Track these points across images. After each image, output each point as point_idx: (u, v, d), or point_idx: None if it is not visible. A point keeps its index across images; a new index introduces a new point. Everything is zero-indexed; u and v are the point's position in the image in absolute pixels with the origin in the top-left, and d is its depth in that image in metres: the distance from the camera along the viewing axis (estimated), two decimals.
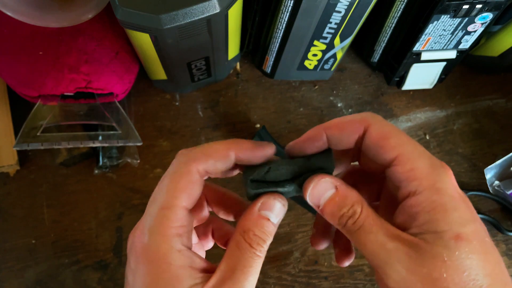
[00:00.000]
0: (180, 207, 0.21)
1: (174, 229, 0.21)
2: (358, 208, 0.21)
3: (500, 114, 0.57)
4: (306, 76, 0.55)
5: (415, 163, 0.21)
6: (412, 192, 0.20)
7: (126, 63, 0.46)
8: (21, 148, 0.44)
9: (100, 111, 0.46)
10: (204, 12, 0.37)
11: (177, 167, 0.22)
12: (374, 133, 0.22)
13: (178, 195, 0.21)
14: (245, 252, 0.21)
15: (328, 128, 0.23)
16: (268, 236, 0.22)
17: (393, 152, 0.21)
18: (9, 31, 0.43)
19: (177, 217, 0.21)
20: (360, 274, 0.48)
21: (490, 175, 0.51)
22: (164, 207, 0.21)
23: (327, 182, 0.22)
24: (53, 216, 0.48)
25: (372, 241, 0.20)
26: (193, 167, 0.22)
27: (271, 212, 0.22)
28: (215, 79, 0.53)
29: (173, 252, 0.20)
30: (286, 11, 0.43)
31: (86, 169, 0.49)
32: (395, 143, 0.21)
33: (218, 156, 0.22)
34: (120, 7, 0.36)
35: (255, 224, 0.22)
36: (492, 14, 0.44)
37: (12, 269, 0.45)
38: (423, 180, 0.20)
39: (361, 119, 0.22)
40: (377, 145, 0.22)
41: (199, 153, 0.22)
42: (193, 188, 0.22)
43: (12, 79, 0.43)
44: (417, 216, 0.20)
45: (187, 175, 0.21)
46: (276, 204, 0.23)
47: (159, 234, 0.21)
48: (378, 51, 0.54)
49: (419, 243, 0.19)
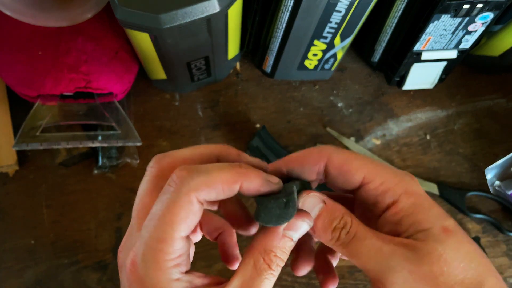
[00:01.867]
0: (178, 239, 0.20)
1: (172, 261, 0.20)
2: (349, 218, 0.21)
3: (501, 114, 0.57)
4: (306, 76, 0.55)
5: (383, 176, 0.22)
6: (390, 202, 0.21)
7: (126, 63, 0.46)
8: (20, 148, 0.44)
9: (99, 111, 0.45)
10: (204, 11, 0.37)
11: (176, 195, 0.20)
12: (336, 161, 0.23)
13: (176, 227, 0.20)
14: (262, 273, 0.20)
15: (288, 163, 0.24)
16: (287, 254, 0.21)
17: (360, 173, 0.22)
18: (8, 31, 0.43)
19: (175, 248, 0.20)
20: (360, 275, 0.48)
21: (490, 175, 0.51)
22: (161, 239, 0.20)
23: (315, 196, 0.23)
24: (53, 216, 0.47)
25: (368, 248, 0.20)
26: (194, 198, 0.20)
27: (297, 233, 0.22)
28: (215, 79, 0.53)
29: (171, 283, 0.20)
30: (286, 10, 0.43)
31: (86, 169, 0.49)
32: (358, 164, 0.22)
33: (222, 187, 0.20)
34: (119, 7, 0.36)
35: (279, 245, 0.21)
36: (493, 13, 0.44)
37: (11, 269, 0.45)
38: (396, 188, 0.21)
39: (319, 151, 0.23)
40: (341, 170, 0.23)
41: (201, 183, 0.20)
42: (193, 218, 0.20)
43: (12, 78, 0.43)
44: (401, 221, 0.21)
45: (187, 205, 0.20)
46: (303, 226, 0.22)
47: (156, 268, 0.20)
48: (379, 51, 0.53)
49: (413, 243, 0.20)
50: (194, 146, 0.24)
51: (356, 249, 0.20)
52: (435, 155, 0.54)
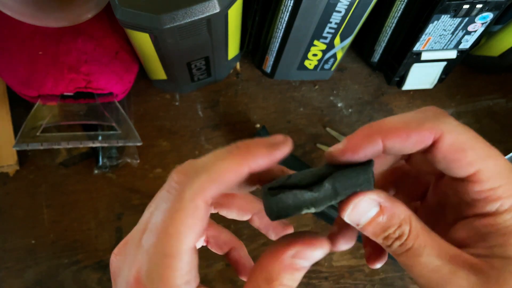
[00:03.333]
0: (187, 251, 0.17)
1: (181, 278, 0.17)
2: (406, 228, 0.18)
3: (501, 114, 0.57)
4: (306, 76, 0.55)
5: (496, 181, 0.18)
6: (491, 212, 0.18)
7: (126, 63, 0.46)
8: (21, 148, 0.44)
9: (99, 111, 0.45)
10: (204, 11, 0.37)
11: (180, 204, 0.17)
12: (448, 144, 0.18)
13: (183, 239, 0.17)
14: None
15: (388, 135, 0.18)
16: (296, 284, 0.18)
17: (470, 168, 0.18)
18: (8, 31, 0.43)
19: (184, 263, 0.17)
20: (360, 275, 0.48)
21: None
22: (168, 254, 0.17)
23: (369, 201, 0.18)
24: (53, 216, 0.48)
25: (423, 265, 0.17)
26: (200, 201, 0.17)
27: (307, 261, 0.18)
28: (215, 79, 0.53)
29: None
30: (286, 10, 0.43)
31: (86, 169, 0.49)
32: (474, 157, 0.18)
33: (228, 177, 0.18)
34: (120, 7, 0.36)
35: (285, 275, 0.18)
36: (493, 14, 0.44)
37: (11, 269, 0.45)
38: (505, 200, 0.18)
39: (432, 125, 0.18)
40: (450, 158, 0.18)
41: (206, 182, 0.17)
42: (200, 224, 0.18)
43: (12, 79, 0.43)
44: (488, 237, 0.18)
45: (194, 212, 0.17)
46: (315, 254, 0.18)
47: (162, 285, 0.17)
48: (379, 51, 0.53)
49: (483, 267, 0.17)
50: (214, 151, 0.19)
51: (409, 263, 0.18)
52: None
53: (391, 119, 0.19)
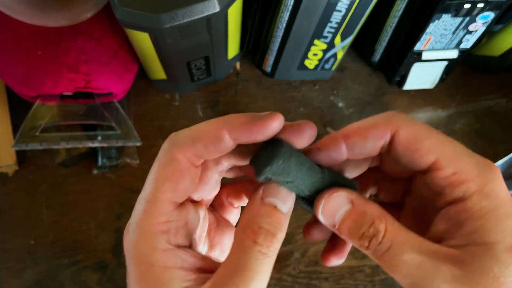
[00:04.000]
0: (164, 201, 0.18)
1: (157, 226, 0.18)
2: (381, 225, 0.18)
3: (501, 114, 0.57)
4: (307, 76, 0.55)
5: (458, 165, 0.18)
6: (458, 198, 0.18)
7: (126, 63, 0.46)
8: (20, 148, 0.44)
9: (99, 111, 0.45)
10: (203, 11, 0.37)
11: (161, 155, 0.19)
12: (404, 136, 0.19)
13: (161, 187, 0.18)
14: (247, 250, 0.17)
15: (347, 137, 0.20)
16: (277, 228, 0.18)
17: (430, 156, 0.18)
18: (8, 31, 0.43)
19: (160, 211, 0.18)
20: (360, 275, 0.48)
21: None
22: (148, 200, 0.18)
23: (341, 196, 0.19)
24: (52, 216, 0.47)
25: (406, 263, 0.17)
26: (179, 154, 0.18)
27: (278, 199, 0.19)
28: (215, 78, 0.53)
29: (156, 251, 0.18)
30: (286, 10, 0.43)
31: (85, 169, 0.49)
32: (431, 144, 0.18)
33: (208, 139, 0.18)
34: (119, 7, 0.36)
35: (259, 214, 0.18)
36: (494, 13, 0.44)
37: (11, 269, 0.45)
38: (470, 183, 0.18)
39: (386, 122, 0.19)
40: (409, 149, 0.19)
41: (185, 137, 0.19)
42: (181, 178, 0.18)
43: (11, 78, 0.43)
44: (463, 224, 0.17)
45: (171, 163, 0.18)
46: (281, 190, 0.19)
47: (141, 232, 0.18)
48: (379, 51, 0.53)
49: (464, 257, 0.17)
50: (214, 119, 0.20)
51: (391, 262, 0.17)
52: None
53: (352, 124, 0.21)
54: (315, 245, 0.49)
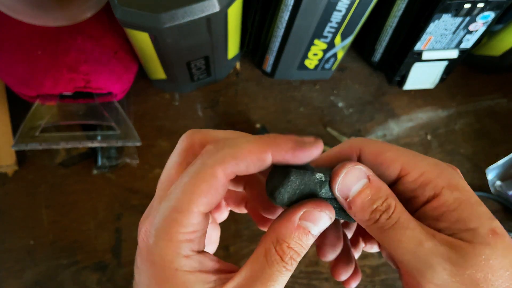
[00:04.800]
0: (196, 212, 0.19)
1: (184, 235, 0.19)
2: (393, 202, 0.19)
3: (502, 114, 0.57)
4: (307, 76, 0.55)
5: (422, 167, 0.20)
6: (431, 196, 0.19)
7: (125, 63, 0.46)
8: (20, 148, 0.43)
9: (99, 111, 0.45)
10: (203, 11, 0.37)
11: (201, 167, 0.19)
12: (368, 153, 0.21)
13: (195, 200, 0.18)
14: (273, 264, 0.19)
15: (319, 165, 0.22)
16: (304, 250, 0.19)
17: (396, 164, 0.20)
18: (7, 30, 0.43)
19: (190, 222, 0.19)
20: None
21: (491, 175, 0.51)
22: (177, 210, 0.19)
23: (360, 170, 0.20)
24: (52, 216, 0.47)
25: (409, 238, 0.18)
26: (219, 171, 0.19)
27: (314, 224, 0.19)
28: (214, 78, 0.53)
29: (180, 258, 0.19)
30: (286, 10, 0.43)
31: (85, 170, 0.49)
32: (393, 155, 0.21)
33: (250, 159, 0.19)
34: (119, 6, 0.36)
35: (292, 236, 0.19)
36: (494, 13, 0.44)
37: (10, 270, 0.45)
38: (438, 180, 0.19)
39: (350, 146, 0.22)
40: (375, 163, 0.21)
41: (227, 155, 0.19)
42: (216, 193, 0.19)
43: (11, 78, 0.43)
44: (443, 217, 0.19)
45: (210, 178, 0.18)
46: (322, 217, 0.20)
47: (166, 238, 0.19)
48: (379, 51, 0.53)
49: (457, 242, 0.18)
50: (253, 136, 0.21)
51: (394, 238, 0.19)
52: (436, 155, 0.54)
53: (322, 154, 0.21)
54: (315, 245, 0.48)
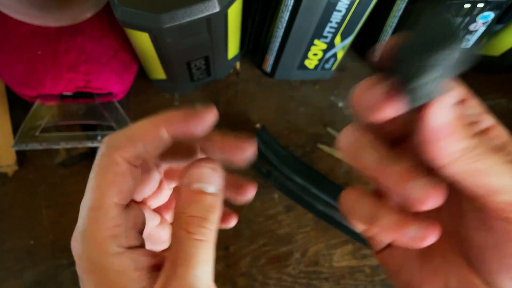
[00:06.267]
0: (111, 205, 0.18)
1: (106, 231, 0.18)
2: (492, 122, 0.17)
3: (502, 114, 0.56)
4: (307, 76, 0.55)
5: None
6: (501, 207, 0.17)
7: (125, 63, 0.46)
8: (20, 148, 0.43)
9: (99, 111, 0.45)
10: (203, 11, 0.37)
11: (100, 160, 0.19)
12: None
13: (105, 193, 0.18)
14: (183, 241, 0.17)
15: None
16: (209, 211, 0.18)
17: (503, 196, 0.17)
18: (7, 31, 0.43)
19: (108, 216, 0.18)
20: (360, 275, 0.48)
21: None
22: (92, 208, 0.18)
23: None
24: (52, 216, 0.47)
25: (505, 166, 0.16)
26: (118, 156, 0.18)
27: (203, 183, 0.19)
28: (215, 78, 0.53)
29: (109, 257, 0.18)
30: (286, 10, 0.43)
31: (85, 170, 0.49)
32: None
33: (146, 137, 0.19)
34: (119, 6, 0.36)
35: (187, 203, 0.18)
36: (494, 13, 0.44)
37: (10, 270, 0.45)
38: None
39: None
40: None
41: (121, 139, 0.19)
42: (123, 180, 0.18)
43: (11, 78, 0.43)
44: None
45: (112, 167, 0.18)
46: (204, 171, 0.19)
47: (90, 240, 0.18)
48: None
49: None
50: (149, 117, 0.21)
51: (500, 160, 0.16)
52: None
53: None
54: (315, 245, 0.48)
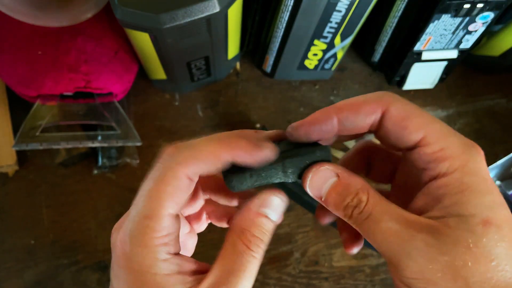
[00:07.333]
0: (166, 216, 0.19)
1: (158, 240, 0.19)
2: (364, 196, 0.19)
3: (501, 114, 0.57)
4: (307, 76, 0.55)
5: (444, 142, 0.19)
6: (442, 173, 0.18)
7: (126, 63, 0.46)
8: (20, 148, 0.44)
9: (99, 111, 0.45)
10: (203, 11, 0.37)
11: (163, 171, 0.20)
12: (395, 113, 0.20)
13: (163, 204, 0.19)
14: (241, 255, 0.20)
15: (340, 110, 0.20)
16: (266, 235, 0.21)
17: (419, 132, 0.19)
18: (8, 31, 0.43)
19: (162, 226, 0.19)
20: (360, 275, 0.48)
21: (491, 175, 0.51)
22: (148, 216, 0.19)
23: (327, 170, 0.20)
24: (52, 216, 0.47)
25: (383, 231, 0.18)
26: (181, 172, 0.19)
27: (270, 209, 0.21)
28: (215, 78, 0.53)
29: (158, 262, 0.19)
30: (286, 10, 0.43)
31: (85, 169, 0.49)
32: (420, 122, 0.19)
33: (210, 159, 0.20)
34: (119, 7, 0.36)
35: (253, 224, 0.20)
36: (493, 13, 0.44)
37: (11, 270, 0.45)
38: (454, 160, 0.18)
39: (377, 99, 0.20)
40: (399, 126, 0.20)
41: (188, 157, 0.20)
42: (181, 194, 0.20)
43: (11, 78, 0.43)
44: (443, 198, 0.18)
45: (173, 180, 0.19)
46: (276, 201, 0.21)
47: (142, 245, 0.19)
48: (379, 51, 0.53)
49: (439, 227, 0.17)
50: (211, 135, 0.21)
51: (370, 230, 0.19)
52: None
53: (345, 99, 0.21)
54: (315, 245, 0.49)
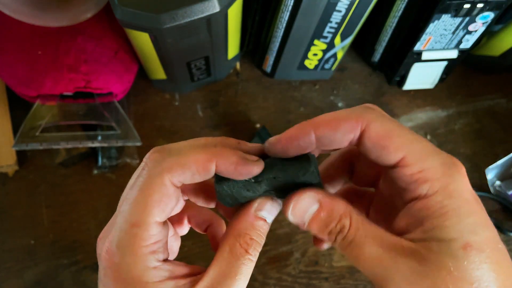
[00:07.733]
0: (153, 223, 0.19)
1: (147, 248, 0.19)
2: (347, 221, 0.19)
3: (502, 114, 0.57)
4: (307, 76, 0.55)
5: (424, 163, 0.18)
6: (422, 195, 0.18)
7: (125, 63, 0.46)
8: (20, 148, 0.44)
9: (99, 111, 0.45)
10: (203, 11, 0.37)
11: (149, 178, 0.19)
12: (374, 132, 0.19)
13: (150, 211, 0.19)
14: (239, 258, 0.20)
15: (317, 126, 0.20)
16: (263, 238, 0.21)
17: (399, 152, 0.19)
18: (8, 31, 0.43)
19: (150, 234, 0.19)
20: (360, 275, 0.48)
21: (491, 175, 0.51)
22: (135, 224, 0.19)
23: (309, 197, 0.20)
24: (52, 216, 0.47)
25: (366, 255, 0.18)
26: (167, 180, 0.19)
27: (268, 213, 0.21)
28: (215, 78, 0.53)
29: (148, 270, 0.19)
30: (286, 10, 0.43)
31: (85, 169, 0.49)
32: (400, 142, 0.19)
33: (197, 168, 0.19)
34: (119, 7, 0.36)
35: (252, 227, 0.21)
36: (493, 13, 0.44)
37: (11, 270, 0.45)
38: (434, 182, 0.18)
39: (357, 116, 0.19)
40: (378, 145, 0.19)
41: (174, 164, 0.19)
42: (167, 201, 0.19)
43: (11, 78, 0.43)
44: (424, 220, 0.18)
45: (160, 188, 0.19)
46: (274, 205, 0.22)
47: (131, 254, 0.19)
48: (379, 51, 0.53)
49: (421, 252, 0.17)
50: (194, 139, 0.22)
51: (354, 255, 0.19)
52: None
53: (324, 114, 0.21)
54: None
